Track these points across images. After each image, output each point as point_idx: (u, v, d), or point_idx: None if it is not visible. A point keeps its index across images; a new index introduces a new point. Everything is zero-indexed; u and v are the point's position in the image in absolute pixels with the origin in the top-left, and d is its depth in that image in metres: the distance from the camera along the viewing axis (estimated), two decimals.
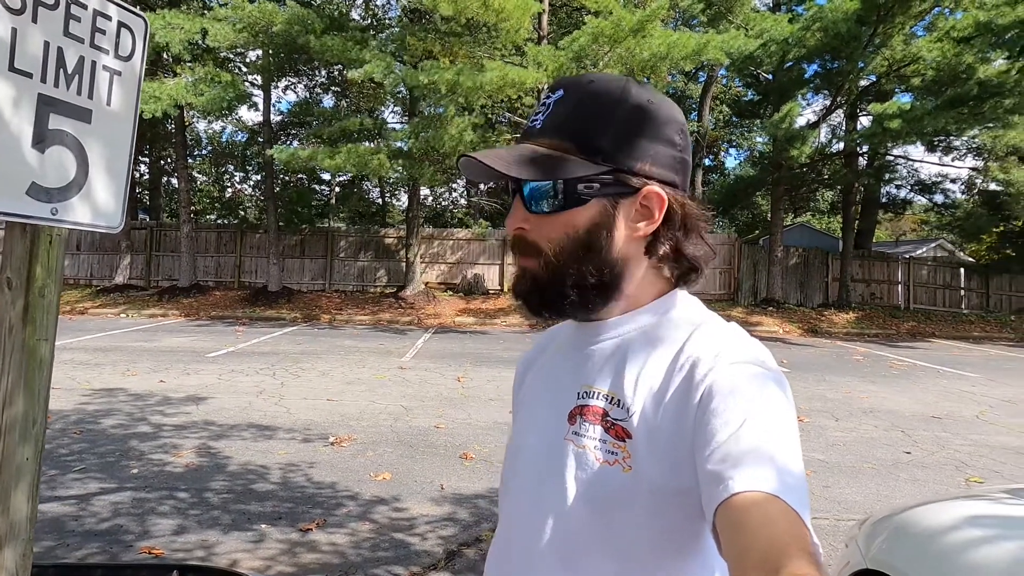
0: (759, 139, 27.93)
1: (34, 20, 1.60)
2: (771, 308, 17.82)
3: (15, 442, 1.78)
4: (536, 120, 0.79)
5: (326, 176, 23.60)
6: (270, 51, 15.84)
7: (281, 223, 18.42)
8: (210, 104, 14.54)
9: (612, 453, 0.74)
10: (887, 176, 20.51)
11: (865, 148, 18.12)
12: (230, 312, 16.09)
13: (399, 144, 14.94)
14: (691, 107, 27.36)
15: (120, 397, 6.77)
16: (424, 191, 21.06)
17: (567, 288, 0.79)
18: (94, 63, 1.79)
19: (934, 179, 24.18)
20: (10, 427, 1.78)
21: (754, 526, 0.57)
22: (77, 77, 1.74)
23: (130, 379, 7.76)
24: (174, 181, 23.15)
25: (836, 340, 15.10)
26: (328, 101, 23.15)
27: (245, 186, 26.78)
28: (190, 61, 15.74)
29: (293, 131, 21.52)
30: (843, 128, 19.66)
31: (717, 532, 0.62)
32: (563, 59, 13.42)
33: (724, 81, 25.81)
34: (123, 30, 1.87)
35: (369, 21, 19.27)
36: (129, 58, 1.91)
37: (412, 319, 15.91)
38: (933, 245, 26.92)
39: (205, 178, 27.32)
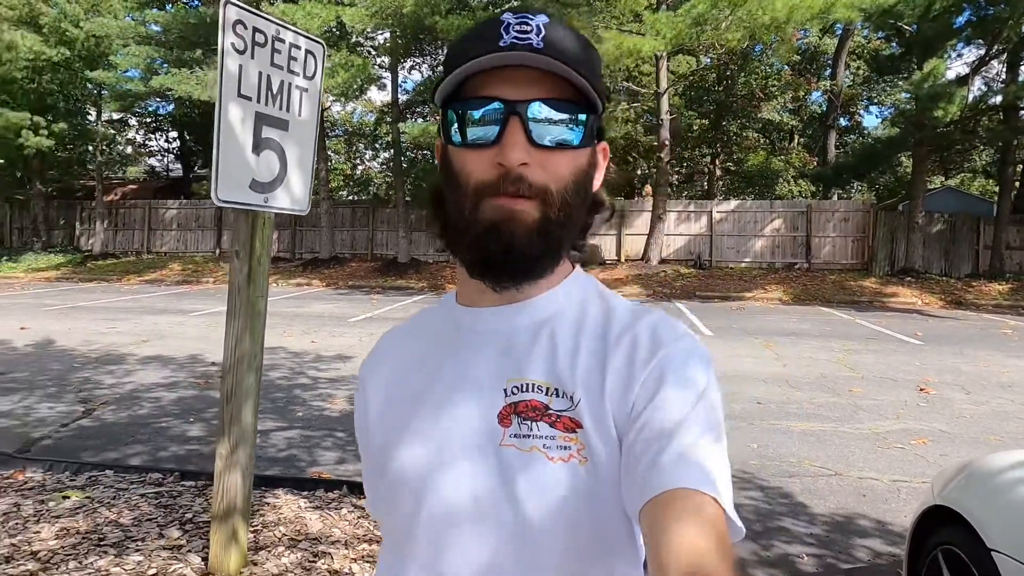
0: (903, 95, 25.75)
1: (252, 56, 2.14)
2: (909, 279, 16.68)
3: (244, 370, 2.41)
4: (528, 38, 0.63)
5: None
6: (398, 32, 16.74)
7: (408, 198, 19.51)
8: (344, 86, 15.72)
9: (565, 448, 0.65)
10: None
11: None
12: (365, 282, 17.44)
13: None
14: (825, 64, 25.66)
15: (281, 355, 7.78)
16: None
17: (567, 242, 0.70)
18: (290, 84, 2.33)
19: None
20: (240, 360, 2.41)
21: (683, 529, 0.55)
22: (280, 96, 2.28)
23: (287, 339, 8.84)
24: None
25: (983, 313, 13.98)
26: None
27: (374, 164, 28.42)
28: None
29: (418, 109, 22.54)
30: (1001, 80, 17.77)
31: (642, 522, 0.60)
32: (681, 25, 13.20)
33: (866, 33, 23.88)
34: (309, 56, 2.39)
35: (487, 1, 19.73)
36: (312, 77, 2.44)
37: None
38: None
39: (339, 157, 29.26)
